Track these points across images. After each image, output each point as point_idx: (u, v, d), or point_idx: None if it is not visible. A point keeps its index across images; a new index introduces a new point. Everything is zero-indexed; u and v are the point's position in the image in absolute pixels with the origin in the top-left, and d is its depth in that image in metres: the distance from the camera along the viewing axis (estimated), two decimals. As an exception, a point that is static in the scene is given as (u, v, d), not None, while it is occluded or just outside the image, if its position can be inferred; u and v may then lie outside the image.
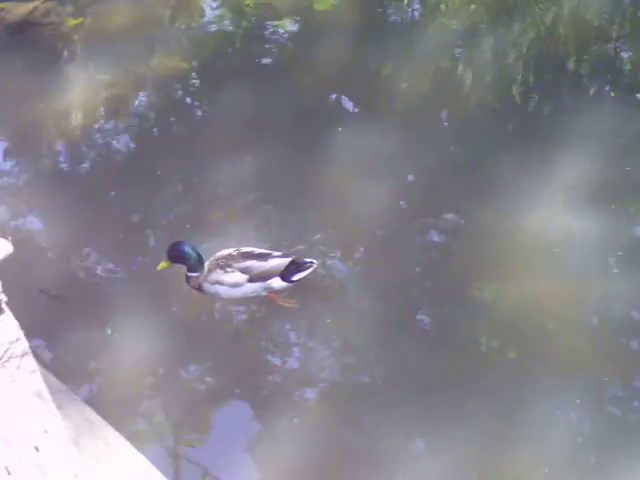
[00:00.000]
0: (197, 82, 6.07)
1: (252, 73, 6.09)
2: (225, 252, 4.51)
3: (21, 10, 6.82)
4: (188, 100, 5.99)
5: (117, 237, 4.95)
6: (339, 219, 4.85)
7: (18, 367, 1.77)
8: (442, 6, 6.50)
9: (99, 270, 4.80)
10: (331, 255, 4.71)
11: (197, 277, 4.46)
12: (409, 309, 4.43)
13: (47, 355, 4.27)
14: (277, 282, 4.44)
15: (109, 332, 4.42)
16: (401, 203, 4.96)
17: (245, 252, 4.47)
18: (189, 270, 4.44)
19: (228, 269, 4.42)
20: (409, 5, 6.58)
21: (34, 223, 5.16)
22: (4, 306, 1.74)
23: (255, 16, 6.64)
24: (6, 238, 1.81)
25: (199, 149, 5.40)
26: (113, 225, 5.02)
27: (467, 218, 4.83)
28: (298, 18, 6.52)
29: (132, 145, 5.67)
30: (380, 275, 4.59)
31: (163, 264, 4.42)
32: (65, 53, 6.56)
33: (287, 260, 4.40)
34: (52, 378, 3.87)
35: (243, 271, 4.41)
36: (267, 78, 6.02)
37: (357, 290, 4.53)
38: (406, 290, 4.51)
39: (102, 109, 5.97)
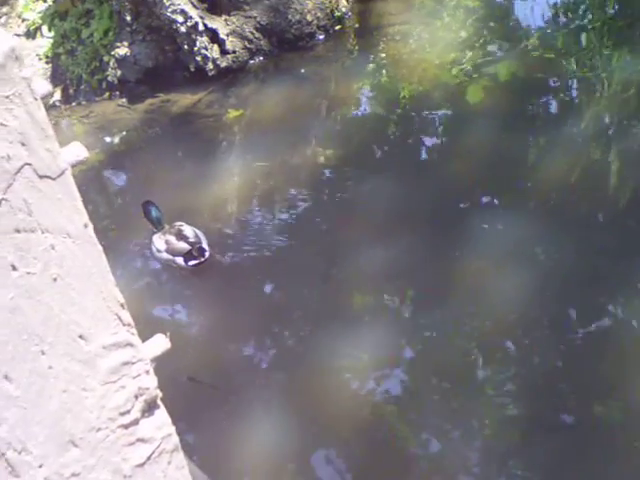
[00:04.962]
0: (348, 171, 6.10)
1: (402, 162, 6.08)
2: (177, 223, 5.46)
3: (186, 102, 7.18)
4: (337, 190, 6.00)
5: (260, 325, 4.98)
6: (477, 311, 4.68)
7: (169, 462, 1.74)
8: (597, 94, 6.32)
9: (243, 357, 4.81)
10: (470, 348, 4.51)
11: (155, 233, 5.53)
12: (547, 409, 4.16)
13: (190, 445, 4.26)
14: (180, 261, 5.33)
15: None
16: (543, 297, 4.70)
17: (179, 229, 5.38)
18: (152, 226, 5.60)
19: (162, 236, 5.42)
20: (561, 94, 6.44)
21: (183, 311, 5.31)
22: (159, 402, 1.71)
23: (410, 106, 6.67)
24: (164, 334, 1.79)
25: (341, 238, 5.43)
26: (257, 312, 5.06)
27: (613, 314, 4.53)
28: (450, 108, 6.51)
29: (282, 233, 5.73)
30: (518, 371, 4.37)
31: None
32: (224, 143, 6.82)
33: (187, 247, 5.29)
34: (193, 467, 3.84)
35: (165, 242, 5.37)
36: (415, 167, 6.02)
37: (496, 385, 4.34)
38: (546, 388, 4.24)
39: (256, 199, 6.11)
